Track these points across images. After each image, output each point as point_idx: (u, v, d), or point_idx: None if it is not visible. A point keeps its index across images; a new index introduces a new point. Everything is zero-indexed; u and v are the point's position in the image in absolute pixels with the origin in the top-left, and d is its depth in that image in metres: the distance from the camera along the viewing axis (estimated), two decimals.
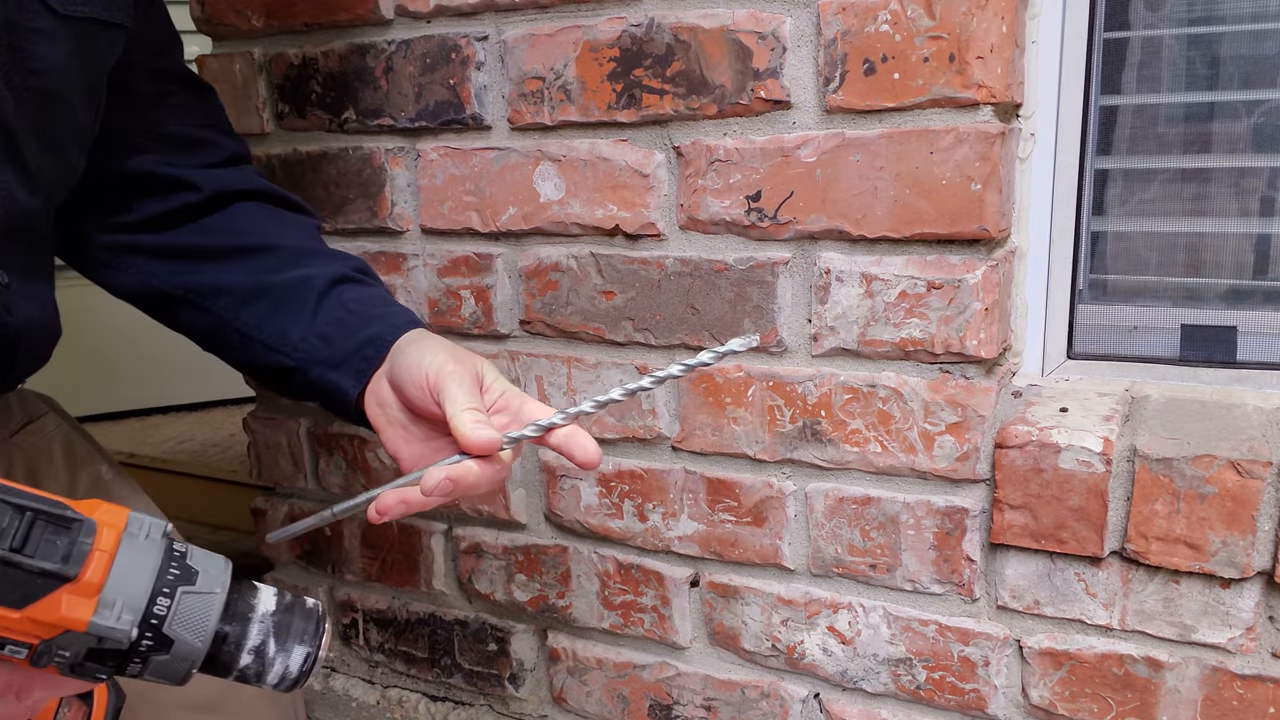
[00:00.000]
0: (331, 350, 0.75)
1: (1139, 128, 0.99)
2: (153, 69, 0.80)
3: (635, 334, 1.04)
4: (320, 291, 0.77)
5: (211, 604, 0.45)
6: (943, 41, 0.85)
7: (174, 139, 0.82)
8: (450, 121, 1.08)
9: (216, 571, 0.46)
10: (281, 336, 0.76)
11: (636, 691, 1.15)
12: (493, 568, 1.20)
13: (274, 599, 0.49)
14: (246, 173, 0.85)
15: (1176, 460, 0.84)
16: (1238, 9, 0.93)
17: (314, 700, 1.36)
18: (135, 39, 0.76)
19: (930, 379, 0.92)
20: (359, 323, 0.75)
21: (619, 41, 0.97)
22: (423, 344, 0.70)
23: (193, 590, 0.45)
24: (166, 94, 0.82)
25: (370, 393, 0.73)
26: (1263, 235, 0.97)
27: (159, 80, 0.81)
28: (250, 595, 0.48)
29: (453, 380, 0.65)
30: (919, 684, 1.00)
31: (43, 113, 0.67)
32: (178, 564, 0.45)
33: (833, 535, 1.00)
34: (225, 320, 0.78)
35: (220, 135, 0.85)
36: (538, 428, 0.64)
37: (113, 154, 0.79)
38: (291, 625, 0.48)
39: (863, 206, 0.91)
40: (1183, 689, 0.89)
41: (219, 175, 0.82)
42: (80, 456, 0.84)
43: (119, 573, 0.43)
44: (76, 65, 0.69)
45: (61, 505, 0.43)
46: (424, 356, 0.68)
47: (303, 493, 1.32)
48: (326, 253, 0.82)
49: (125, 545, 0.43)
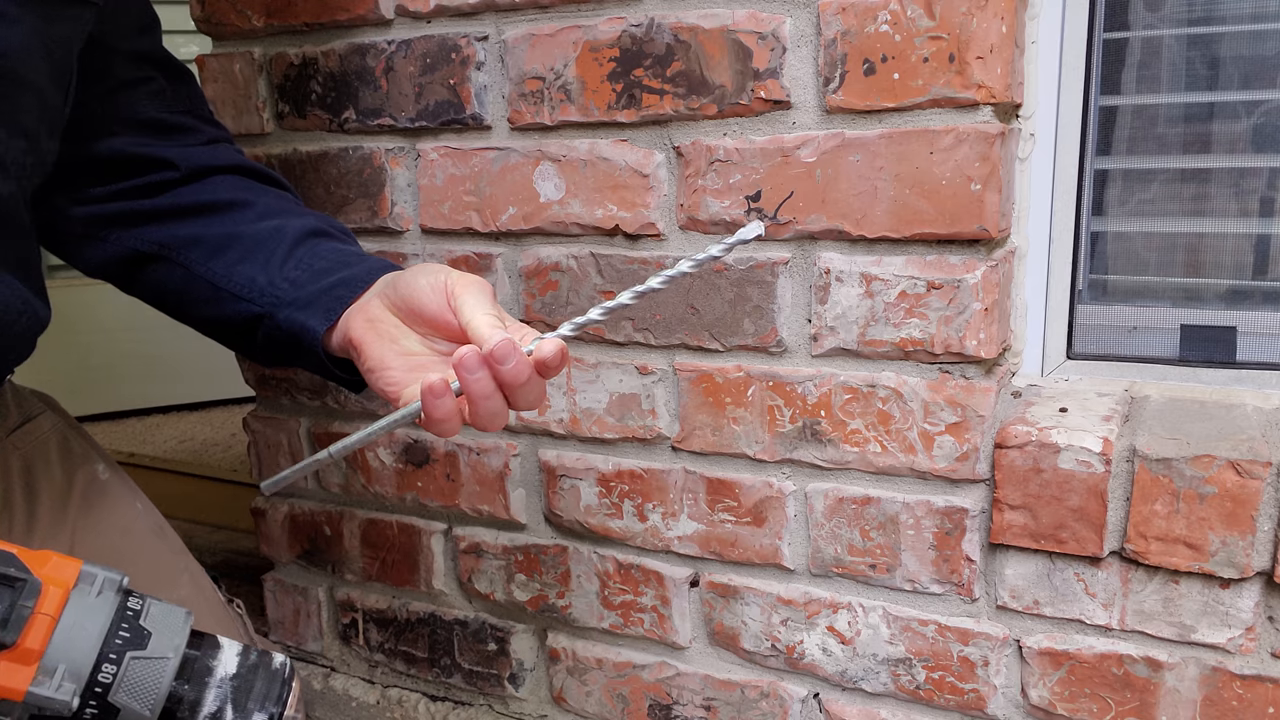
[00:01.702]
0: (299, 292, 0.72)
1: (1138, 128, 0.99)
2: (130, 51, 0.78)
3: (635, 334, 1.04)
4: (293, 241, 0.75)
5: (163, 669, 0.43)
6: (942, 42, 0.85)
7: (151, 124, 0.80)
8: (450, 121, 1.08)
9: (172, 632, 0.44)
10: (250, 283, 0.74)
11: (636, 691, 1.15)
12: (493, 567, 1.20)
13: (236, 659, 0.46)
14: (227, 150, 0.84)
15: (1176, 460, 0.84)
16: (1237, 9, 0.93)
17: (314, 700, 1.36)
18: (108, 17, 0.73)
19: (930, 379, 0.93)
20: (331, 268, 0.73)
21: (619, 41, 0.97)
22: (428, 265, 0.69)
23: (143, 655, 0.42)
24: (145, 79, 0.80)
25: (356, 312, 0.70)
26: (1262, 235, 0.97)
27: (136, 63, 0.79)
28: (210, 656, 0.46)
29: (473, 289, 0.65)
30: (918, 684, 1.00)
31: (5, 97, 0.65)
32: (129, 625, 0.42)
33: (832, 535, 1.00)
34: (195, 273, 0.76)
35: (200, 122, 0.83)
36: (575, 326, 0.61)
37: (87, 138, 0.77)
38: (253, 688, 0.46)
39: (862, 206, 0.91)
40: (1182, 689, 0.89)
41: (198, 153, 0.80)
42: (77, 455, 0.84)
43: (62, 638, 0.41)
44: (38, 46, 0.66)
45: (8, 560, 0.41)
46: (439, 272, 0.67)
47: (303, 492, 1.32)
48: (304, 212, 0.80)
49: (72, 606, 0.41)
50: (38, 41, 0.66)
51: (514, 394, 0.62)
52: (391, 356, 0.67)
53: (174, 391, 2.64)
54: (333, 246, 0.76)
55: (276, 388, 1.28)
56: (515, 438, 1.15)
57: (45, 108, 0.70)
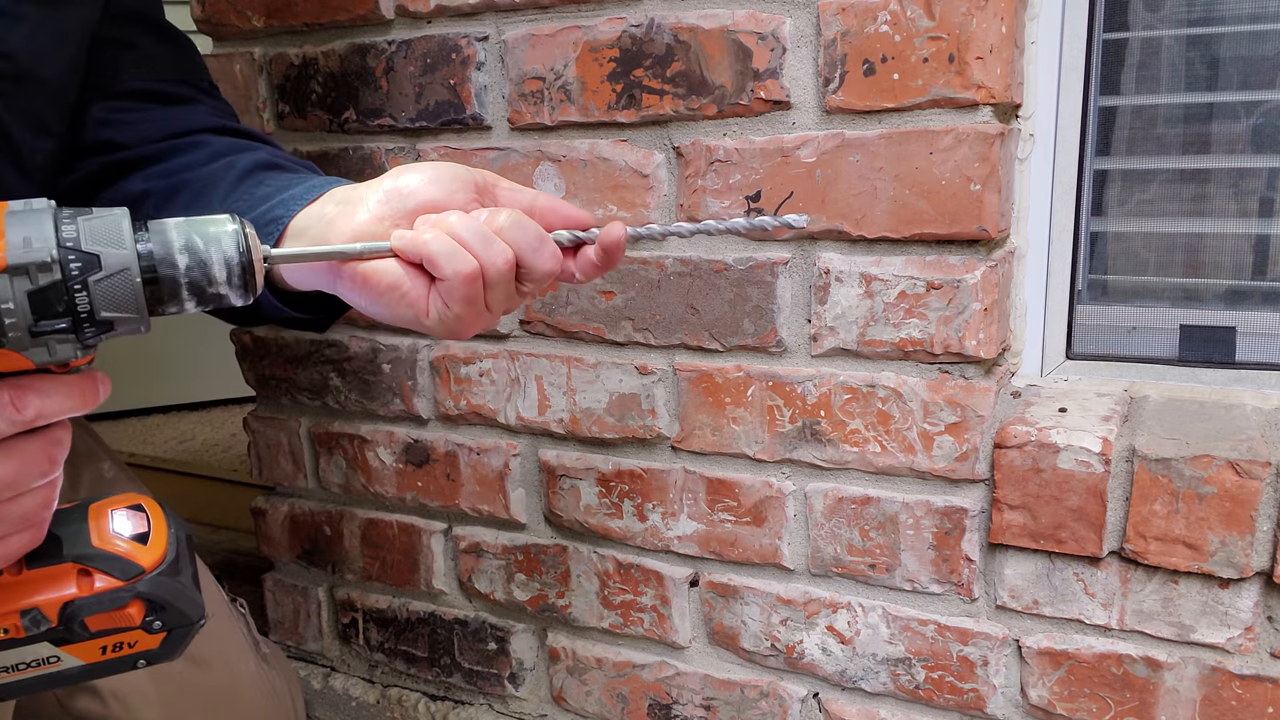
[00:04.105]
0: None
1: (1138, 128, 0.99)
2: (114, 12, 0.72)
3: (635, 334, 1.04)
4: (240, 175, 0.68)
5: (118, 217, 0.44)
6: (942, 42, 0.85)
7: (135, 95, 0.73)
8: (450, 121, 1.08)
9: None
10: None
11: (636, 691, 1.15)
12: (492, 567, 1.20)
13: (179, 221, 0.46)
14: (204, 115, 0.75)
15: (1175, 460, 0.84)
16: (1237, 10, 0.94)
17: (314, 699, 1.36)
18: None
19: (929, 379, 0.93)
20: (272, 194, 0.63)
21: (619, 42, 0.97)
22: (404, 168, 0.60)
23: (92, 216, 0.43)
24: (127, 42, 0.73)
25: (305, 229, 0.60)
26: (1261, 236, 0.97)
27: (118, 24, 0.72)
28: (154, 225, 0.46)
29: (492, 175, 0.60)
30: (918, 684, 1.00)
31: (21, 97, 0.63)
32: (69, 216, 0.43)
33: (832, 535, 1.00)
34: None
35: (196, 92, 0.76)
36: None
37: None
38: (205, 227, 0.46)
39: (862, 207, 0.91)
40: (1181, 689, 0.89)
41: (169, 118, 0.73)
42: (82, 454, 0.84)
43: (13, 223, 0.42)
44: (48, 38, 0.64)
45: None
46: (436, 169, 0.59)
47: (303, 492, 1.32)
48: (258, 147, 0.72)
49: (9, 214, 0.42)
50: (47, 34, 0.65)
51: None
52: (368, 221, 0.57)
53: (174, 391, 2.64)
54: (283, 176, 0.67)
55: (276, 388, 1.28)
56: (515, 437, 1.15)
57: (64, 102, 0.69)
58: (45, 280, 0.41)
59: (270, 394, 1.30)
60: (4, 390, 0.43)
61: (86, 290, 0.42)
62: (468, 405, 1.15)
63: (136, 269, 0.43)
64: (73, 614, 0.49)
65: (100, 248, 0.43)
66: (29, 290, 0.41)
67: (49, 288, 0.42)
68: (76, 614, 0.49)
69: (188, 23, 1.24)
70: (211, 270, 0.45)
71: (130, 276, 0.43)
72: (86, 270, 0.42)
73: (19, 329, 0.42)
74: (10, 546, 0.47)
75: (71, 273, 0.42)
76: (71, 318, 0.42)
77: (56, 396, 0.45)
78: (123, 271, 0.43)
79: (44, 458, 0.46)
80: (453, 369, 1.15)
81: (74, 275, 0.42)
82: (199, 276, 0.45)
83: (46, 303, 0.42)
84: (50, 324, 0.42)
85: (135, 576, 0.51)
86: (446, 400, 1.17)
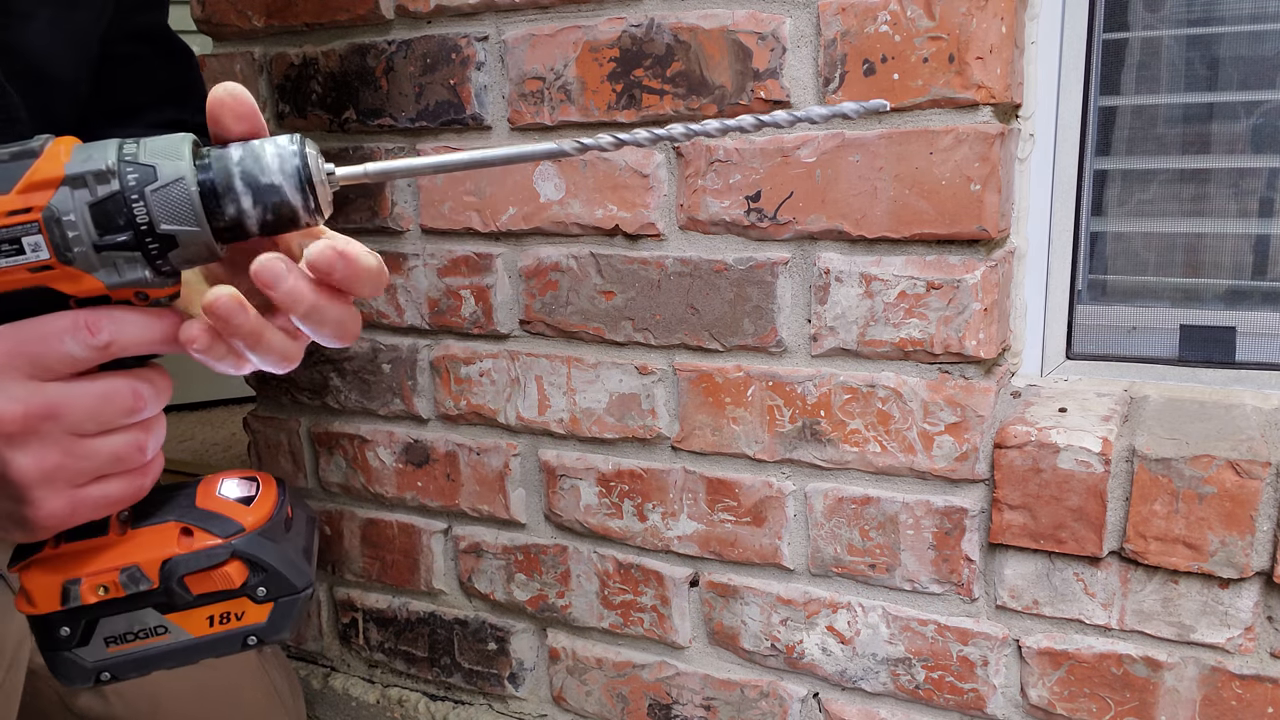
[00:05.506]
0: None
1: (1138, 128, 0.99)
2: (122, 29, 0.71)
3: (635, 334, 1.04)
4: None
5: (179, 138, 0.44)
6: (942, 42, 0.85)
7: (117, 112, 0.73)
8: (450, 121, 1.08)
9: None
10: None
11: (636, 691, 1.15)
12: (492, 567, 1.20)
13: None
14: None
15: (1175, 460, 0.84)
16: (1236, 10, 0.94)
17: (314, 699, 1.36)
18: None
19: (929, 379, 0.93)
20: None
21: (619, 42, 0.97)
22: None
23: (155, 138, 0.44)
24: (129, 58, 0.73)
25: None
26: (1261, 236, 0.97)
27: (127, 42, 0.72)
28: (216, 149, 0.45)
29: None
30: (918, 683, 1.00)
31: (36, 96, 0.63)
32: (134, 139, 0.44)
33: (832, 535, 1.00)
34: None
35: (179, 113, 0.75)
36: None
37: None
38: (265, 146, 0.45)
39: (862, 207, 0.91)
40: (1181, 689, 0.89)
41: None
42: None
43: (79, 148, 0.42)
44: (60, 37, 0.64)
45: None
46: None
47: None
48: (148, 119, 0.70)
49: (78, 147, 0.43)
50: (57, 34, 0.65)
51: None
52: None
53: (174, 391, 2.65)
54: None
55: (276, 387, 1.28)
56: (515, 437, 1.15)
57: (76, 101, 0.68)
58: (104, 192, 0.41)
59: (270, 394, 1.30)
60: (80, 314, 0.43)
61: (143, 200, 0.42)
62: (468, 405, 1.15)
63: (193, 178, 0.43)
64: (170, 571, 0.49)
65: (158, 160, 0.43)
66: (89, 202, 0.41)
67: (108, 199, 0.42)
68: (174, 571, 0.49)
69: (188, 23, 1.24)
70: (272, 179, 0.44)
71: (186, 185, 0.43)
72: (144, 181, 0.42)
73: (83, 243, 0.42)
74: (108, 490, 0.45)
75: (129, 183, 0.42)
76: (133, 231, 0.42)
77: (133, 326, 0.44)
78: (178, 181, 0.43)
79: (129, 393, 0.45)
80: (453, 369, 1.15)
81: (131, 185, 0.42)
82: (261, 186, 0.44)
83: (107, 215, 0.42)
84: (113, 237, 0.42)
85: (234, 534, 0.50)
86: (446, 400, 1.17)
